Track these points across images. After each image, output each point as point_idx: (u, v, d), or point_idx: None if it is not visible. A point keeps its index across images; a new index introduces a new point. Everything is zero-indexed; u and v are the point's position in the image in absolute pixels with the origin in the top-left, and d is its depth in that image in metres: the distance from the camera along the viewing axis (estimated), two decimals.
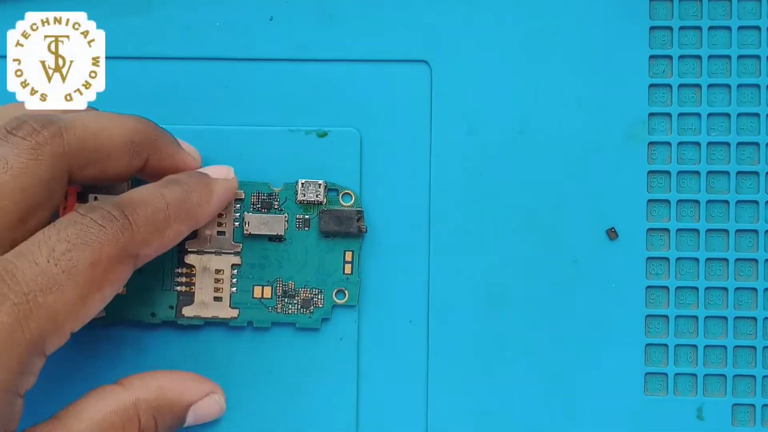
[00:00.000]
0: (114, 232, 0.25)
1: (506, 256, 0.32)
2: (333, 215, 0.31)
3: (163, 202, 0.27)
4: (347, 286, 0.31)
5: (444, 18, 0.32)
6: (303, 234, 0.31)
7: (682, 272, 0.32)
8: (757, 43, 0.32)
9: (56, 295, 0.24)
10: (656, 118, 0.32)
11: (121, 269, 0.26)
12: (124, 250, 0.26)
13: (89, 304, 0.25)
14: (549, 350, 0.32)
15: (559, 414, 0.32)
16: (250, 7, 0.32)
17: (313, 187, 0.31)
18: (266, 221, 0.31)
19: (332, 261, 0.31)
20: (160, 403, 0.28)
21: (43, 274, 0.24)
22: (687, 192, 0.32)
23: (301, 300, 0.31)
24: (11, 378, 0.24)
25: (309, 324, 0.31)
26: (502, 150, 0.32)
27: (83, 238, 0.25)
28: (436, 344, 0.32)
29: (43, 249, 0.25)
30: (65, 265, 0.25)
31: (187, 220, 0.28)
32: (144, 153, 0.28)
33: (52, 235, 0.25)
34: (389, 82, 0.32)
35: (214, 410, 0.30)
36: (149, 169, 0.29)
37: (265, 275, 0.31)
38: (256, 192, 0.31)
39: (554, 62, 0.32)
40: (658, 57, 0.32)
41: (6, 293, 0.24)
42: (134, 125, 0.28)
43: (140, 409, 0.28)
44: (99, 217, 0.26)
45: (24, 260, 0.24)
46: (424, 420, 0.32)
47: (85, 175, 0.27)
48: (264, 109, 0.32)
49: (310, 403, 0.32)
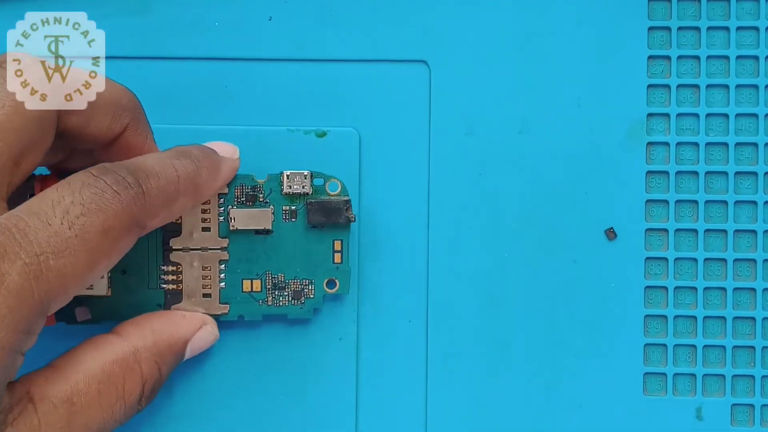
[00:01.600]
0: (128, 200, 0.25)
1: (505, 256, 0.32)
2: (320, 206, 0.30)
3: (175, 175, 0.27)
4: (337, 275, 0.31)
5: (443, 18, 0.32)
6: (290, 225, 0.31)
7: (681, 272, 0.32)
8: (756, 44, 0.32)
9: (67, 259, 0.24)
10: (655, 118, 0.32)
11: (128, 238, 0.26)
12: (135, 219, 0.26)
13: (96, 270, 0.25)
14: (548, 350, 0.32)
15: (558, 414, 0.32)
16: (250, 7, 0.32)
17: (299, 178, 0.31)
18: (253, 215, 0.30)
19: (321, 251, 0.31)
20: (159, 348, 0.28)
21: (57, 236, 0.24)
22: (685, 192, 0.32)
23: (291, 291, 0.31)
24: (17, 337, 0.24)
25: (301, 315, 0.31)
26: (500, 150, 0.32)
27: (98, 203, 0.25)
28: (436, 344, 0.32)
29: (57, 210, 0.24)
30: (79, 229, 0.24)
31: (194, 195, 0.28)
32: (125, 120, 0.28)
33: (66, 195, 0.25)
34: (388, 82, 0.32)
35: (209, 340, 0.30)
36: (123, 140, 0.28)
37: (254, 269, 0.31)
38: (239, 185, 0.31)
39: (553, 63, 0.32)
40: (657, 57, 0.32)
41: (17, 252, 0.23)
42: (123, 90, 0.28)
43: (141, 358, 0.28)
44: (113, 182, 0.25)
45: (36, 219, 0.24)
46: (424, 420, 0.32)
47: (69, 122, 0.27)
48: (263, 109, 0.32)
49: (310, 402, 0.32)
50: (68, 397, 0.26)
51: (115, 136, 0.28)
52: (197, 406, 0.32)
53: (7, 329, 0.23)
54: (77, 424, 0.26)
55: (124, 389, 0.27)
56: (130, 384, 0.27)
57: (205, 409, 0.32)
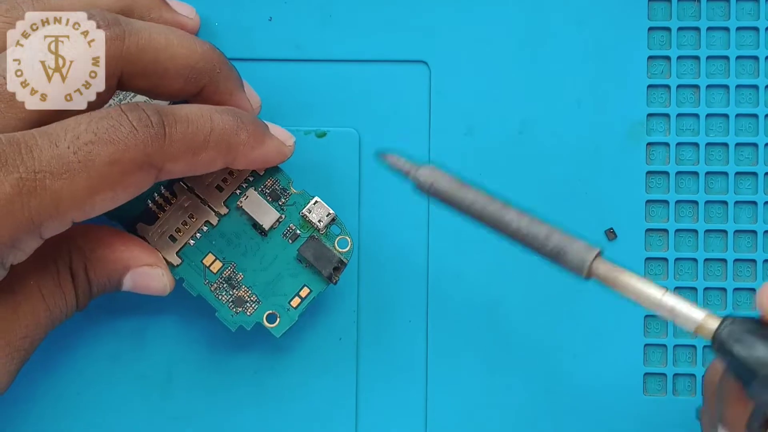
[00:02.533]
0: (145, 138, 0.25)
1: (505, 256, 0.32)
2: (318, 247, 0.30)
3: (208, 126, 0.27)
4: (283, 315, 0.30)
5: (443, 18, 0.32)
6: (283, 243, 0.30)
7: (681, 273, 0.32)
8: (756, 44, 0.32)
9: (64, 182, 0.24)
10: (655, 118, 0.32)
11: (140, 176, 0.26)
12: (149, 158, 0.26)
13: (97, 200, 0.25)
14: (548, 350, 0.32)
15: (558, 414, 0.32)
16: (250, 8, 0.32)
17: (322, 212, 0.30)
18: (262, 208, 0.30)
19: (288, 285, 0.30)
20: (95, 256, 0.28)
21: (59, 158, 0.24)
22: (685, 192, 0.32)
23: (236, 296, 0.30)
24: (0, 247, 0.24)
25: (226, 320, 0.30)
26: (500, 151, 0.32)
27: (111, 135, 0.25)
28: (435, 344, 0.32)
29: (68, 134, 0.25)
30: (83, 155, 0.24)
31: (225, 153, 0.27)
32: (202, 81, 0.28)
33: (82, 122, 0.25)
34: (388, 82, 0.32)
35: (156, 284, 0.29)
36: (201, 99, 0.29)
37: (226, 252, 0.30)
38: (276, 178, 0.30)
39: (553, 63, 0.32)
40: (657, 58, 0.32)
41: (17, 165, 0.24)
42: (202, 52, 0.28)
43: (73, 254, 0.28)
44: (135, 118, 0.25)
45: (46, 139, 0.24)
46: (424, 420, 0.32)
47: (136, 85, 0.27)
48: (263, 109, 0.32)
49: (310, 403, 0.32)
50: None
51: (191, 95, 0.28)
52: (197, 406, 0.32)
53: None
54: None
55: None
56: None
57: (205, 409, 0.32)
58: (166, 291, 0.29)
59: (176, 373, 0.32)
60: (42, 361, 0.29)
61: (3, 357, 0.27)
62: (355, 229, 0.32)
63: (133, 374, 0.32)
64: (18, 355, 0.27)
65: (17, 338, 0.27)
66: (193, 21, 0.31)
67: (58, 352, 0.31)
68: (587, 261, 0.22)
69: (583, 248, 0.22)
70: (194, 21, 0.31)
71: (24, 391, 0.31)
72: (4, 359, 0.27)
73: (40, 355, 0.28)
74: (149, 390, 0.32)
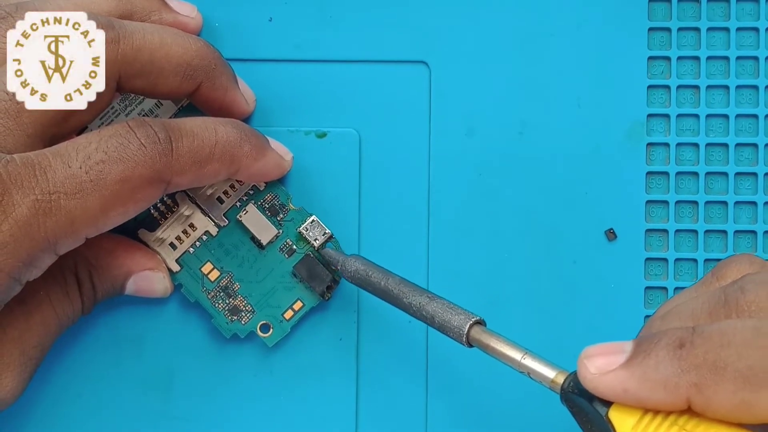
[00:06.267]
0: (153, 154, 0.26)
1: (505, 256, 0.32)
2: (312, 265, 0.31)
3: (213, 139, 0.27)
4: (276, 326, 0.31)
5: (443, 19, 0.32)
6: (279, 257, 0.31)
7: (681, 273, 0.32)
8: (756, 45, 0.32)
9: (78, 202, 0.25)
10: (655, 119, 0.32)
11: (150, 191, 0.26)
12: (158, 174, 0.26)
13: (110, 216, 0.26)
14: (548, 350, 0.31)
15: (558, 414, 0.31)
16: (250, 8, 0.32)
17: (319, 231, 0.31)
18: (261, 223, 0.31)
19: (282, 298, 0.31)
20: (99, 263, 0.29)
21: (72, 178, 0.25)
22: (685, 193, 0.32)
23: (232, 304, 0.31)
24: (18, 266, 0.25)
25: (222, 327, 0.31)
26: (500, 151, 0.32)
27: (121, 153, 0.25)
28: (436, 344, 0.32)
29: (80, 154, 0.25)
30: (95, 175, 0.25)
31: (229, 164, 0.28)
32: (198, 78, 0.28)
33: (92, 141, 0.25)
34: (388, 82, 0.32)
35: (158, 287, 0.30)
36: (199, 96, 0.29)
37: (224, 262, 0.31)
38: (275, 194, 0.31)
39: (553, 63, 0.32)
40: (657, 58, 0.32)
41: (33, 188, 0.24)
42: (196, 49, 0.28)
43: (78, 262, 0.29)
44: (143, 135, 0.26)
45: (59, 160, 0.25)
46: (424, 420, 0.32)
47: (134, 86, 0.27)
48: (263, 110, 0.32)
49: (310, 403, 0.32)
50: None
51: (188, 93, 0.29)
52: (197, 406, 0.32)
53: (7, 255, 0.24)
54: None
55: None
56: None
57: (205, 410, 0.32)
58: (167, 293, 0.31)
59: (176, 376, 0.32)
60: (43, 364, 0.29)
61: (18, 366, 0.27)
62: (355, 229, 0.32)
63: (134, 377, 0.32)
64: (31, 363, 0.28)
65: (30, 347, 0.28)
66: (194, 20, 0.31)
67: (58, 356, 0.31)
68: (464, 331, 0.26)
69: (463, 320, 0.26)
70: (196, 20, 0.31)
71: (25, 393, 0.31)
72: (19, 368, 0.27)
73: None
74: (149, 393, 0.32)
